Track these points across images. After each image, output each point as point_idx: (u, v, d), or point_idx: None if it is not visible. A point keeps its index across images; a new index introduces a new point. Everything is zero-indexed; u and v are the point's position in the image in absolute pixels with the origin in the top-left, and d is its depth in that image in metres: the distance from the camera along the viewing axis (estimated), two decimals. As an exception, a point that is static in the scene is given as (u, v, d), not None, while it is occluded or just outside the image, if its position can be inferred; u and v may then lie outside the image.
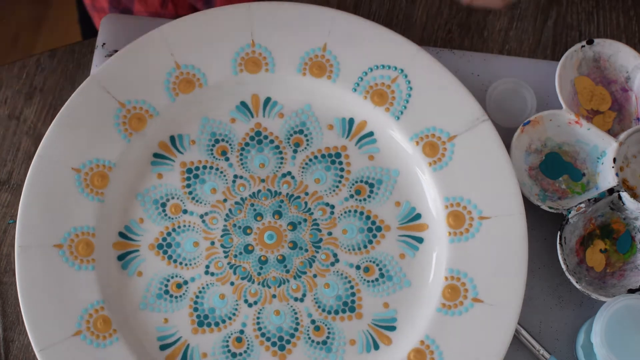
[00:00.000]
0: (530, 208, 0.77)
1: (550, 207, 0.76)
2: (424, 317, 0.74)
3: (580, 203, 0.75)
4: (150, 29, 0.77)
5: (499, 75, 0.81)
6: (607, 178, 0.76)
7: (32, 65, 0.82)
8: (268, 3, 0.77)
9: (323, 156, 0.77)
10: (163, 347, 0.74)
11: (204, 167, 0.77)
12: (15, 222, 0.77)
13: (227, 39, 0.77)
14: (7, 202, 0.79)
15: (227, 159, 0.77)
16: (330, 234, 0.76)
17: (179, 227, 0.76)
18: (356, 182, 0.77)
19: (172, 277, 0.75)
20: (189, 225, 0.76)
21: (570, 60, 0.78)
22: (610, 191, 0.75)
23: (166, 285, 0.75)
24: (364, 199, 0.76)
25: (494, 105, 0.80)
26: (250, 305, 0.75)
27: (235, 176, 0.77)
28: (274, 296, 0.75)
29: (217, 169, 0.77)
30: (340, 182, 0.77)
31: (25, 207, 0.73)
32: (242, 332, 0.74)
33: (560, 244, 0.74)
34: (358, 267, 0.75)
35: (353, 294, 0.75)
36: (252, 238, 0.76)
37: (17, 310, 0.77)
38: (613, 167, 0.75)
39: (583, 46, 0.79)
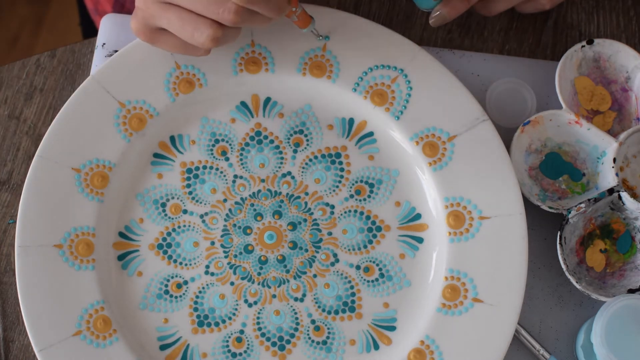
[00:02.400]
0: (530, 208, 0.77)
1: (550, 207, 0.76)
2: (424, 317, 0.74)
3: (580, 203, 0.75)
4: (150, 29, 0.77)
5: (499, 75, 0.81)
6: (607, 178, 0.76)
7: (32, 65, 0.82)
8: (268, 3, 0.77)
9: (323, 156, 0.77)
10: (163, 347, 0.74)
11: (204, 167, 0.77)
12: (15, 222, 0.77)
13: (227, 39, 0.77)
14: (7, 202, 0.79)
15: (227, 159, 0.77)
16: (330, 234, 0.76)
17: (179, 227, 0.76)
18: (356, 182, 0.77)
19: (172, 277, 0.75)
20: (189, 225, 0.76)
21: (570, 60, 0.78)
22: (610, 191, 0.75)
23: (166, 285, 0.75)
24: (364, 199, 0.76)
25: (494, 105, 0.80)
26: (250, 305, 0.75)
27: (235, 176, 0.77)
28: (274, 296, 0.75)
29: (217, 169, 0.77)
30: (340, 182, 0.77)
31: (25, 207, 0.73)
32: (242, 332, 0.74)
33: (560, 244, 0.74)
34: (358, 267, 0.75)
35: (353, 294, 0.75)
36: (252, 238, 0.76)
37: (17, 310, 0.77)
38: (613, 167, 0.75)
39: (583, 46, 0.79)
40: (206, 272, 0.75)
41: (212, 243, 0.76)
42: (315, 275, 0.75)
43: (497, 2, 0.78)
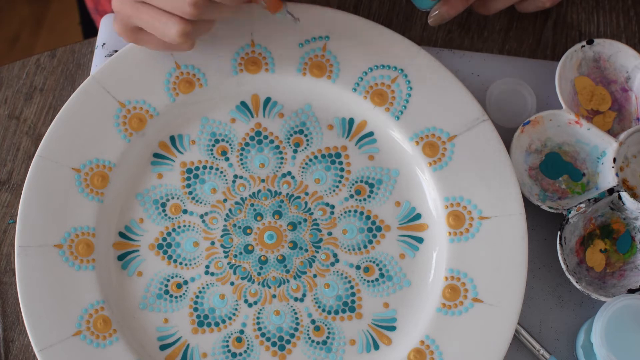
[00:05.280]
0: (530, 208, 0.77)
1: (550, 207, 0.76)
2: (424, 317, 0.74)
3: (580, 203, 0.75)
4: (150, 29, 0.77)
5: (499, 75, 0.81)
6: (607, 178, 0.76)
7: (32, 65, 0.82)
8: (268, 3, 0.77)
9: (323, 156, 0.77)
10: (163, 347, 0.74)
11: (204, 167, 0.77)
12: (15, 222, 0.77)
13: (227, 39, 0.77)
14: (7, 202, 0.79)
15: (227, 159, 0.77)
16: (330, 234, 0.76)
17: (179, 227, 0.76)
18: (356, 182, 0.77)
19: (172, 277, 0.75)
20: (189, 225, 0.76)
21: (570, 60, 0.78)
22: (610, 191, 0.75)
23: (166, 285, 0.75)
24: (364, 199, 0.77)
25: (494, 105, 0.80)
26: (250, 305, 0.75)
27: (235, 176, 0.77)
28: (274, 296, 0.75)
29: (217, 169, 0.77)
30: (340, 182, 0.77)
31: (25, 207, 0.73)
32: (242, 332, 0.74)
33: (560, 244, 0.74)
34: (358, 267, 0.75)
35: (353, 294, 0.75)
36: (252, 238, 0.76)
37: (17, 310, 0.77)
38: (613, 167, 0.75)
39: (583, 46, 0.79)
40: (206, 272, 0.75)
41: (212, 243, 0.76)
42: (315, 275, 0.75)
43: (496, 0, 0.78)
